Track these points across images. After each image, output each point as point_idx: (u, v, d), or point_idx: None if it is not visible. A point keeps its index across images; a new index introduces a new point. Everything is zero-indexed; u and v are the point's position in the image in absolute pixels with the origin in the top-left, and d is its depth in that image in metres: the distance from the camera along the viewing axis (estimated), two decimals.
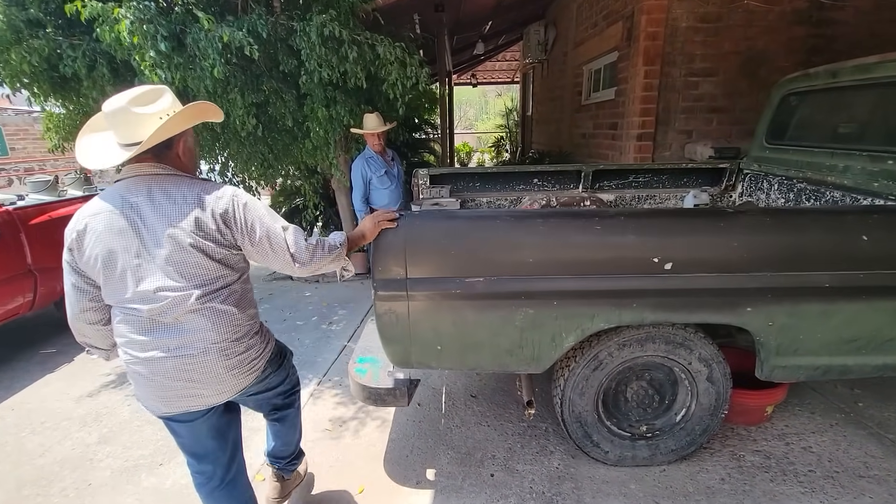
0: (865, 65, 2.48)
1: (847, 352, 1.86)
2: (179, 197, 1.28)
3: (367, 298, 4.39)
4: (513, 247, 1.70)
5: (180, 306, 1.27)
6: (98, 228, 1.25)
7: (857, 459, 2.10)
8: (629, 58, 4.61)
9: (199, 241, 1.27)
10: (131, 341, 1.30)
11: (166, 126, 1.26)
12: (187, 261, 1.27)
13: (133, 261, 1.26)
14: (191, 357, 1.31)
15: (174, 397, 1.35)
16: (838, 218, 1.75)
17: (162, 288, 1.26)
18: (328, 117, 3.62)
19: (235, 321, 1.37)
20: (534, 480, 2.06)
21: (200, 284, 1.29)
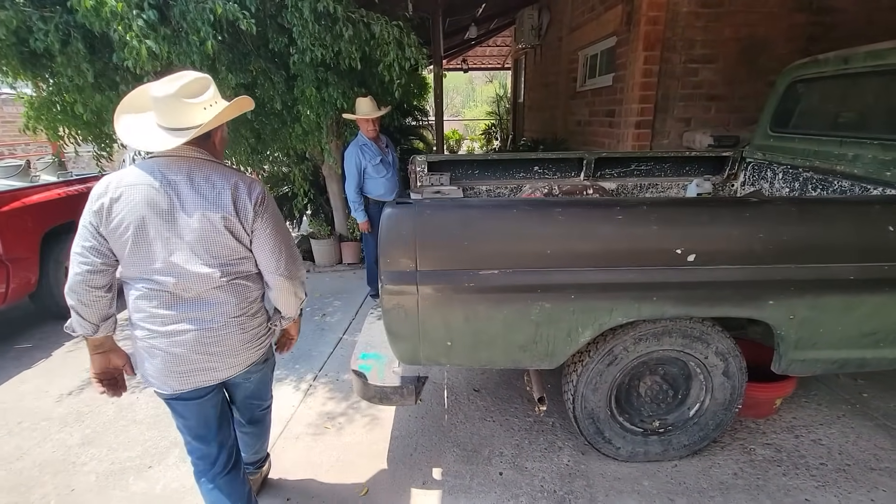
0: (879, 51, 2.42)
1: (866, 345, 1.82)
2: (219, 182, 1.35)
3: (361, 289, 4.27)
4: (530, 237, 1.60)
5: (206, 282, 1.36)
6: (135, 199, 1.29)
7: (867, 452, 2.08)
8: (628, 43, 4.52)
9: (232, 223, 1.35)
10: (152, 315, 1.36)
11: (217, 117, 1.35)
12: (218, 241, 1.35)
13: (165, 233, 1.31)
14: (211, 330, 1.39)
15: (190, 371, 1.41)
16: (866, 208, 1.69)
17: (192, 263, 1.33)
18: (319, 100, 3.46)
19: (252, 297, 1.47)
20: (544, 479, 2.00)
21: (226, 263, 1.38)
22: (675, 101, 4.51)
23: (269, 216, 1.42)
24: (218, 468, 1.56)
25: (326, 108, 3.58)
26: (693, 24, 4.29)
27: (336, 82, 3.50)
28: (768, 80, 4.52)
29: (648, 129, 4.54)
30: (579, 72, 6.04)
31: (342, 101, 3.50)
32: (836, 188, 2.60)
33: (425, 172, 3.29)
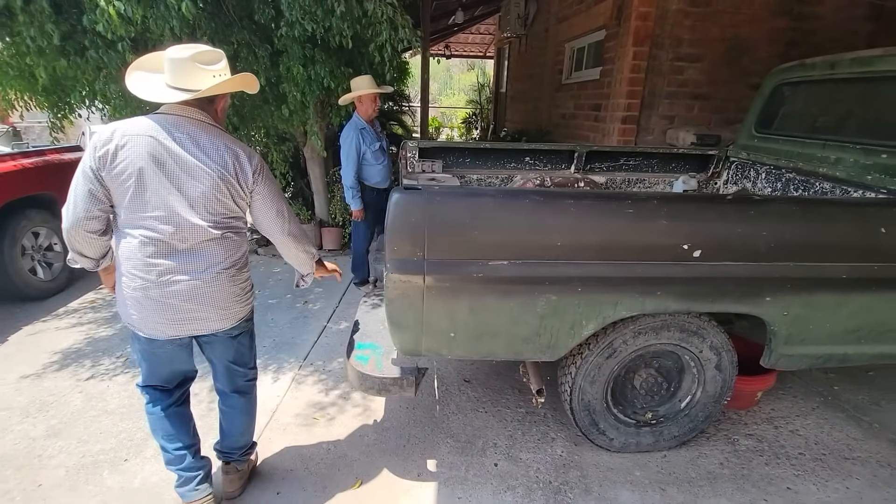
0: (865, 58, 2.50)
1: (849, 341, 1.89)
2: (222, 144, 1.45)
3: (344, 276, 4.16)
4: (541, 229, 1.57)
5: (201, 234, 1.44)
6: (140, 148, 1.36)
7: (840, 442, 2.19)
8: (618, 37, 4.53)
9: (231, 184, 1.45)
10: (147, 264, 1.42)
11: (222, 84, 1.45)
12: (216, 197, 1.43)
13: (167, 184, 1.38)
14: (204, 281, 1.47)
15: (185, 320, 1.49)
16: (861, 210, 1.75)
17: (190, 215, 1.41)
18: (306, 78, 3.31)
19: (241, 252, 1.57)
20: (539, 469, 2.00)
21: (220, 219, 1.47)
22: (660, 98, 4.57)
23: (269, 182, 1.54)
24: (171, 401, 1.70)
25: (313, 87, 3.43)
26: (681, 22, 4.34)
27: (324, 60, 3.36)
28: (749, 81, 4.65)
29: (634, 125, 4.59)
30: (565, 64, 6.04)
31: (329, 80, 3.37)
32: (817, 190, 2.69)
33: (416, 159, 3.22)
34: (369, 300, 2.40)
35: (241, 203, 1.50)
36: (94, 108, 3.46)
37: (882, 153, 2.36)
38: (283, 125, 3.99)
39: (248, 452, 1.88)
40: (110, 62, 2.74)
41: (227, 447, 1.82)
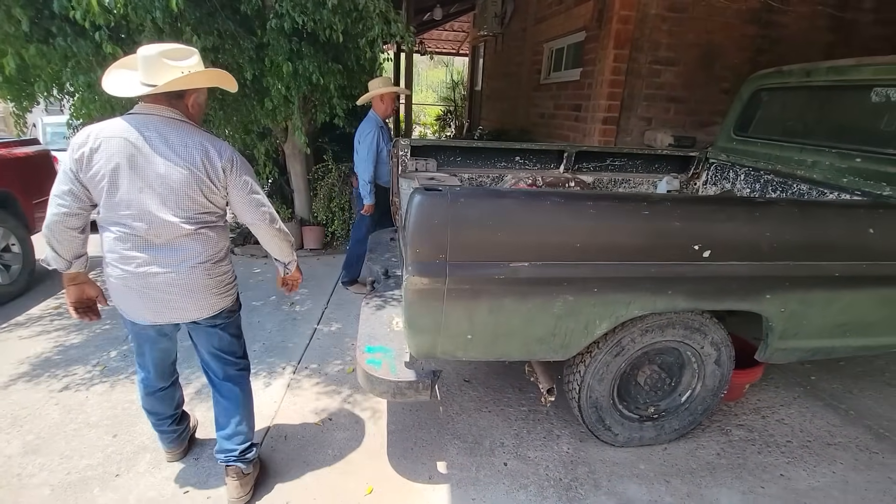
0: (840, 67, 2.66)
1: (836, 335, 2.01)
2: (190, 141, 1.48)
3: (329, 276, 4.08)
4: (561, 230, 1.59)
5: (175, 230, 1.49)
6: (112, 149, 1.42)
7: (822, 429, 2.33)
8: (598, 39, 4.62)
9: (201, 180, 1.48)
10: (125, 257, 1.50)
11: (184, 79, 1.47)
12: (186, 194, 1.47)
13: (139, 183, 1.44)
14: (179, 274, 1.53)
15: (164, 309, 1.57)
16: (854, 211, 1.85)
17: (161, 212, 1.46)
18: (292, 72, 3.20)
19: (218, 247, 1.61)
20: (548, 467, 2.03)
21: (193, 214, 1.51)
22: (639, 100, 4.71)
23: (243, 174, 1.55)
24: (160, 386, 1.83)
25: (299, 82, 3.33)
26: (660, 26, 4.48)
27: (311, 55, 3.27)
28: (721, 86, 4.86)
29: (614, 126, 4.70)
30: (544, 64, 6.11)
31: (318, 75, 3.27)
32: (795, 191, 2.84)
33: (408, 157, 3.18)
34: (371, 301, 2.35)
35: (214, 198, 1.54)
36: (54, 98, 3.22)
37: (856, 157, 2.51)
38: (265, 120, 3.85)
39: (248, 453, 1.81)
40: (80, 51, 2.55)
41: (225, 447, 1.79)
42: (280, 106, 3.41)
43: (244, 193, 1.57)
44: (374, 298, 2.40)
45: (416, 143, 3.22)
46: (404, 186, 2.75)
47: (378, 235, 3.40)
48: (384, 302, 2.36)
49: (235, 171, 1.53)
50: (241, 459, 1.78)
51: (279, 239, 1.72)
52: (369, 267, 2.82)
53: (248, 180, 1.57)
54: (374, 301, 2.37)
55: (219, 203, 1.56)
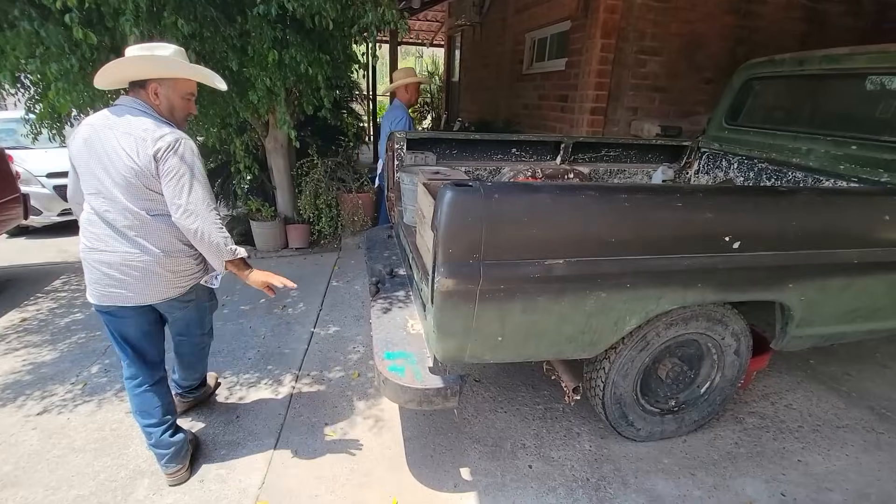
0: (834, 55, 2.70)
1: (848, 320, 2.04)
2: (137, 129, 1.55)
3: (318, 275, 3.92)
4: (596, 224, 1.52)
5: (127, 216, 1.57)
6: (82, 136, 1.57)
7: (828, 412, 2.38)
8: (585, 29, 4.59)
9: (137, 166, 1.53)
10: (89, 234, 1.62)
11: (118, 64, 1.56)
12: (126, 178, 1.54)
13: (95, 169, 1.56)
14: (129, 257, 1.60)
15: (108, 291, 1.64)
16: (871, 199, 1.87)
17: (111, 195, 1.55)
18: (277, 63, 3.01)
19: (167, 238, 1.64)
20: (573, 467, 1.98)
21: (138, 201, 1.57)
22: (625, 89, 4.72)
23: (174, 163, 1.54)
24: (145, 381, 1.81)
25: (285, 72, 3.14)
26: (645, 16, 4.48)
27: (298, 43, 3.08)
28: (703, 76, 4.93)
29: (602, 116, 4.70)
30: (526, 54, 6.05)
31: (307, 66, 3.09)
32: (789, 179, 2.88)
33: (404, 150, 3.06)
34: (378, 303, 2.24)
35: (151, 185, 1.56)
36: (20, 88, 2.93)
37: (852, 145, 2.56)
38: (244, 113, 3.63)
39: (190, 394, 2.22)
40: (49, 37, 2.30)
41: (173, 379, 2.14)
42: (264, 98, 3.21)
43: (169, 184, 1.54)
44: (382, 300, 2.29)
45: (412, 136, 3.10)
46: (406, 181, 2.64)
47: (375, 233, 3.27)
48: (393, 303, 2.25)
49: (165, 161, 1.53)
50: (182, 395, 2.19)
51: (197, 242, 1.62)
52: (371, 267, 2.70)
53: (175, 171, 1.53)
54: (382, 303, 2.26)
55: (159, 190, 1.58)
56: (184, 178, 1.54)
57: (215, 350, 2.74)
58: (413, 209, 2.63)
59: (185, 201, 1.54)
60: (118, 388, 2.43)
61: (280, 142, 4.17)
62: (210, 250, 1.64)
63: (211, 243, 1.61)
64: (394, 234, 3.21)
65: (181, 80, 1.64)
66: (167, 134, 1.54)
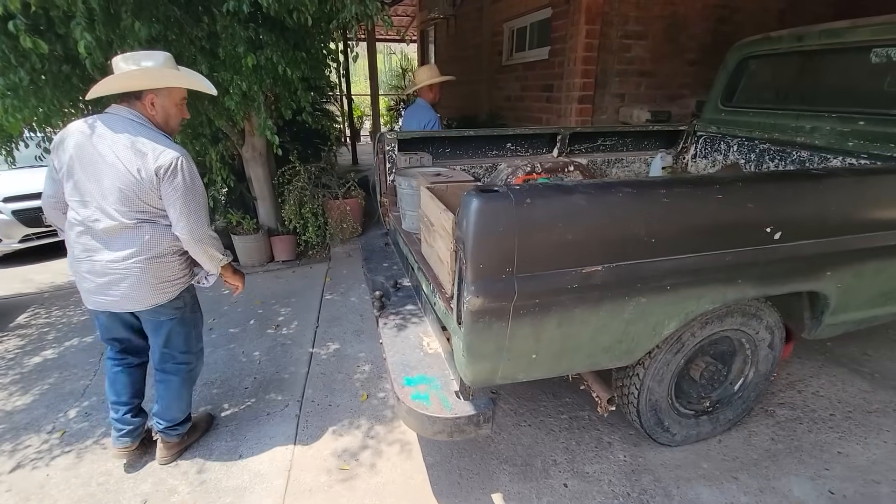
0: (835, 29, 2.62)
1: (879, 304, 1.96)
2: (135, 141, 1.57)
3: (309, 289, 3.71)
4: (634, 224, 1.38)
5: (112, 222, 1.59)
6: (70, 143, 1.58)
7: (857, 397, 2.31)
8: (567, 15, 4.47)
9: (134, 179, 1.56)
10: (75, 241, 1.65)
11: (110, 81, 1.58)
12: (121, 190, 1.57)
13: (84, 176, 1.57)
14: (115, 264, 1.63)
15: (99, 296, 1.69)
16: None
17: (100, 204, 1.58)
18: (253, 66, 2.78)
19: (157, 244, 1.67)
20: (611, 482, 1.86)
21: (129, 210, 1.60)
22: (611, 76, 4.62)
23: (176, 182, 1.59)
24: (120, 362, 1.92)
25: (261, 75, 2.92)
26: None
27: (273, 43, 2.86)
28: (686, 57, 4.86)
29: (590, 104, 4.59)
30: (505, 45, 5.90)
31: (285, 67, 2.87)
32: (794, 158, 2.81)
33: (396, 152, 2.88)
34: (387, 320, 2.07)
35: (147, 198, 1.60)
36: None
37: (859, 120, 2.49)
38: (218, 121, 3.38)
39: (174, 430, 1.98)
40: None
41: (155, 415, 1.96)
42: (240, 104, 2.98)
43: (171, 200, 1.61)
44: (390, 316, 2.11)
45: (402, 137, 2.92)
46: (403, 185, 2.45)
47: (370, 242, 3.08)
48: (403, 319, 2.08)
49: (168, 178, 1.58)
50: (166, 433, 1.97)
51: (196, 251, 1.73)
52: (372, 279, 2.52)
53: (180, 189, 1.60)
54: (391, 319, 2.09)
55: (154, 203, 1.62)
56: (187, 195, 1.62)
57: (208, 380, 2.53)
58: (413, 215, 2.46)
59: (191, 217, 1.63)
60: (101, 433, 2.20)
61: (258, 150, 3.92)
62: (208, 258, 1.76)
63: (210, 254, 1.75)
64: (391, 241, 3.03)
65: (176, 88, 1.68)
66: (167, 150, 1.58)
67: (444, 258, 1.77)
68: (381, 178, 3.04)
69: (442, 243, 1.76)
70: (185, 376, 1.95)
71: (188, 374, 1.97)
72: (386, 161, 2.91)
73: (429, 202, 1.92)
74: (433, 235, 1.89)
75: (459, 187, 2.15)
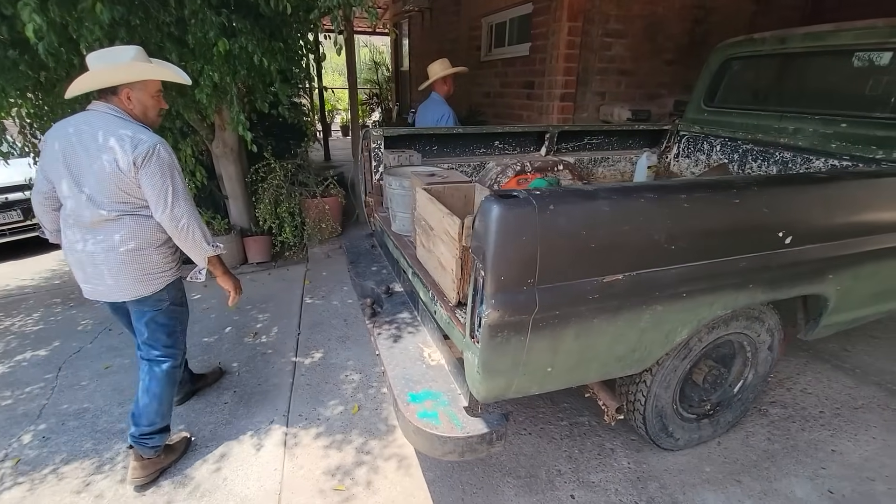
0: (818, 33, 2.67)
1: (870, 304, 2.00)
2: (112, 133, 1.59)
3: (287, 292, 3.53)
4: (655, 231, 1.32)
5: (95, 214, 1.63)
6: (56, 141, 1.64)
7: (842, 393, 2.37)
8: (549, 12, 4.42)
9: (113, 170, 1.58)
10: (65, 234, 1.72)
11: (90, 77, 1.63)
12: (101, 181, 1.60)
13: (70, 170, 1.62)
14: (96, 255, 1.67)
15: (89, 284, 1.74)
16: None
17: (83, 196, 1.62)
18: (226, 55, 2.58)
19: (142, 235, 1.69)
20: (617, 490, 1.81)
21: (111, 202, 1.63)
22: (592, 74, 4.61)
23: (154, 169, 1.60)
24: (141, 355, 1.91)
25: (235, 66, 2.72)
26: None
27: (247, 31, 2.66)
28: (664, 57, 4.91)
29: (572, 102, 4.57)
30: (483, 40, 5.82)
31: (260, 56, 2.68)
32: (777, 159, 2.86)
33: (382, 150, 2.75)
34: (381, 330, 1.95)
35: (127, 188, 1.62)
36: None
37: (841, 122, 2.55)
38: (187, 114, 3.15)
39: (148, 439, 1.84)
40: None
41: (131, 419, 1.85)
42: (211, 96, 2.77)
43: (149, 188, 1.61)
44: (385, 325, 2.00)
45: (388, 134, 2.79)
46: (394, 185, 2.33)
47: (355, 243, 2.94)
48: (399, 329, 1.97)
49: (145, 165, 1.59)
50: (140, 443, 1.83)
51: (178, 237, 1.72)
52: (360, 284, 2.39)
53: (158, 176, 1.61)
54: (386, 328, 1.97)
55: (135, 193, 1.64)
56: (165, 180, 1.62)
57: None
58: (404, 216, 2.34)
59: (169, 202, 1.63)
60: (60, 459, 1.99)
61: (230, 145, 3.69)
62: (193, 246, 1.74)
63: (195, 239, 1.72)
64: (377, 243, 2.90)
65: (150, 80, 1.70)
66: (145, 140, 1.60)
67: (446, 265, 1.67)
68: (366, 177, 2.90)
69: (445, 249, 1.66)
70: (168, 370, 1.89)
71: (172, 370, 1.91)
72: (372, 159, 2.77)
73: (427, 204, 1.82)
74: (433, 240, 1.79)
75: (457, 188, 2.06)
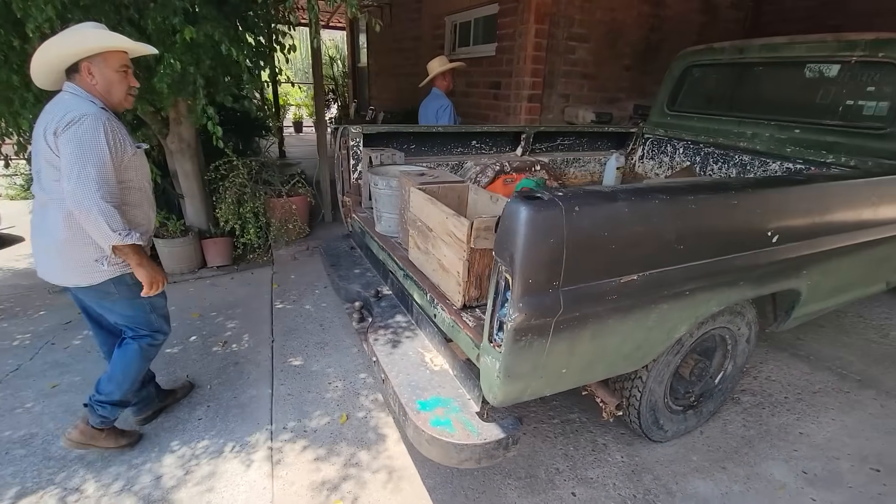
0: (774, 44, 2.87)
1: (831, 296, 2.17)
2: (56, 109, 1.55)
3: (254, 297, 3.34)
4: (668, 231, 1.35)
5: (39, 194, 1.63)
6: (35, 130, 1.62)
7: (801, 379, 2.56)
8: (516, 13, 4.47)
9: (48, 149, 1.54)
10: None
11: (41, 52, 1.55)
12: (44, 164, 1.57)
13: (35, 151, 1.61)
14: (41, 239, 1.67)
15: (41, 265, 1.72)
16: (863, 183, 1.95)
17: (37, 182, 1.63)
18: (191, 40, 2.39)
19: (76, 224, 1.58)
20: (615, 485, 1.85)
21: (50, 181, 1.58)
22: (558, 76, 4.71)
23: (70, 137, 1.49)
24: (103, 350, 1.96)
25: (199, 55, 2.53)
26: (573, 1, 4.48)
27: (213, 17, 2.48)
28: (623, 63, 5.11)
29: (538, 104, 4.65)
30: (447, 38, 5.79)
31: (228, 45, 2.51)
32: (736, 162, 3.05)
33: (360, 148, 2.66)
34: (377, 336, 1.87)
35: (57, 163, 1.53)
36: None
37: (795, 128, 2.75)
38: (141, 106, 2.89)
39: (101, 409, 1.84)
40: None
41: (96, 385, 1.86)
42: (172, 87, 2.55)
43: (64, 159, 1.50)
44: (379, 330, 1.93)
45: (368, 131, 2.70)
46: (381, 185, 2.26)
47: (331, 245, 2.82)
48: (395, 333, 1.90)
49: (64, 133, 1.49)
50: (91, 407, 1.84)
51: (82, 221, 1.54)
52: (345, 288, 2.29)
53: (74, 146, 1.48)
54: (381, 334, 1.90)
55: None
56: (77, 150, 1.48)
57: None
58: (391, 217, 2.28)
59: (70, 175, 1.48)
60: (14, 493, 1.76)
61: (186, 141, 3.43)
62: (96, 230, 1.56)
63: (98, 224, 1.53)
64: (356, 244, 2.80)
65: (110, 53, 1.59)
66: (74, 110, 1.50)
67: (450, 267, 1.63)
68: (343, 176, 2.79)
69: (448, 251, 1.62)
70: (138, 348, 1.85)
71: (146, 347, 1.88)
72: (350, 157, 2.68)
73: (426, 205, 1.77)
74: (431, 241, 1.75)
75: (451, 188, 2.02)
